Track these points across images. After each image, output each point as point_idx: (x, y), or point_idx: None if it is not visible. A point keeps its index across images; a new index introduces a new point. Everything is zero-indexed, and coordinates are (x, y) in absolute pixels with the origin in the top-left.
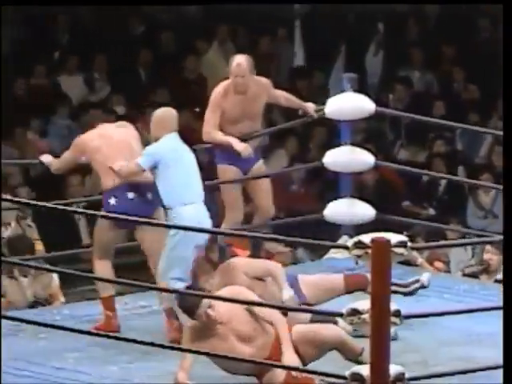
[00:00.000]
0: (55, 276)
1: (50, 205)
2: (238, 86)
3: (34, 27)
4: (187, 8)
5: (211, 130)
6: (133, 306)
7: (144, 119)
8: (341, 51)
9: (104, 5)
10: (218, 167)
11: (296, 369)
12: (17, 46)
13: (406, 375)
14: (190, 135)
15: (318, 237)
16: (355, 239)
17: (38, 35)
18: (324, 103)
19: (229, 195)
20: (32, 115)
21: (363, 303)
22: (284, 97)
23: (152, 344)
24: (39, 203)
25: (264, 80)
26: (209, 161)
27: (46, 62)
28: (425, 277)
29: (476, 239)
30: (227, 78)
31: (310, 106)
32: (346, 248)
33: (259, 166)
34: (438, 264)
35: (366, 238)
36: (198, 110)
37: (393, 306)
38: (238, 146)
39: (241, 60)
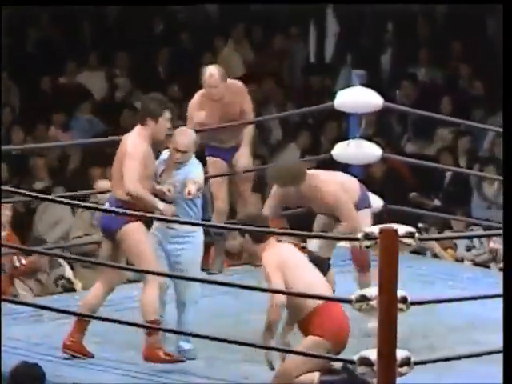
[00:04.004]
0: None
1: (51, 197)
2: (213, 95)
3: (58, 27)
4: (205, 8)
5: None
6: None
7: None
8: (351, 48)
9: (105, 4)
10: (207, 160)
11: (305, 353)
12: (42, 45)
13: (413, 359)
14: None
15: None
16: (364, 231)
17: (62, 34)
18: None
19: (214, 186)
20: (55, 111)
21: (371, 290)
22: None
23: (169, 331)
24: (41, 195)
25: (238, 85)
26: None
27: (70, 59)
28: None
29: (481, 231)
30: (242, 74)
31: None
32: (356, 239)
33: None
34: (451, 252)
35: (375, 229)
36: None
37: (400, 293)
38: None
39: (213, 71)
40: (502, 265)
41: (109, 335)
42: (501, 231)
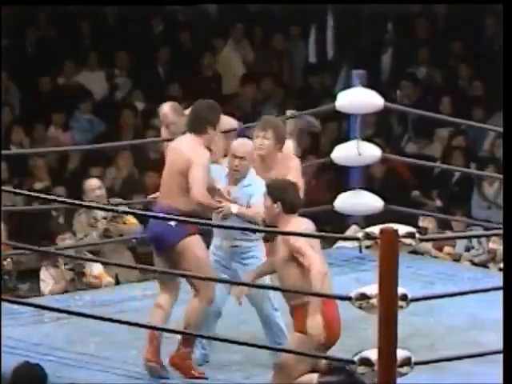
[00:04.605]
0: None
1: (51, 197)
2: (173, 134)
3: (58, 26)
4: (205, 8)
5: None
6: (153, 292)
7: None
8: (351, 48)
9: (105, 4)
10: None
11: (307, 354)
12: (41, 45)
13: (413, 359)
14: None
15: (328, 226)
16: (365, 231)
17: (62, 34)
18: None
19: None
20: (55, 111)
21: (371, 288)
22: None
23: (170, 331)
24: (42, 195)
25: None
26: None
27: (70, 59)
28: None
29: (481, 232)
30: (242, 74)
31: None
32: (357, 239)
33: None
34: (448, 249)
35: (376, 229)
36: None
37: (400, 291)
38: None
39: (166, 110)
40: (500, 265)
41: (110, 335)
42: (501, 231)
